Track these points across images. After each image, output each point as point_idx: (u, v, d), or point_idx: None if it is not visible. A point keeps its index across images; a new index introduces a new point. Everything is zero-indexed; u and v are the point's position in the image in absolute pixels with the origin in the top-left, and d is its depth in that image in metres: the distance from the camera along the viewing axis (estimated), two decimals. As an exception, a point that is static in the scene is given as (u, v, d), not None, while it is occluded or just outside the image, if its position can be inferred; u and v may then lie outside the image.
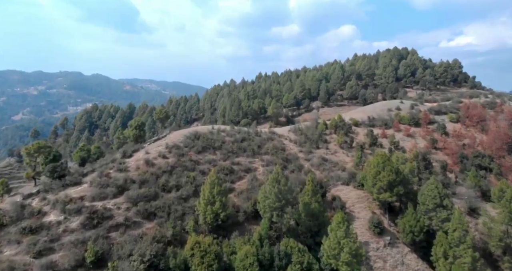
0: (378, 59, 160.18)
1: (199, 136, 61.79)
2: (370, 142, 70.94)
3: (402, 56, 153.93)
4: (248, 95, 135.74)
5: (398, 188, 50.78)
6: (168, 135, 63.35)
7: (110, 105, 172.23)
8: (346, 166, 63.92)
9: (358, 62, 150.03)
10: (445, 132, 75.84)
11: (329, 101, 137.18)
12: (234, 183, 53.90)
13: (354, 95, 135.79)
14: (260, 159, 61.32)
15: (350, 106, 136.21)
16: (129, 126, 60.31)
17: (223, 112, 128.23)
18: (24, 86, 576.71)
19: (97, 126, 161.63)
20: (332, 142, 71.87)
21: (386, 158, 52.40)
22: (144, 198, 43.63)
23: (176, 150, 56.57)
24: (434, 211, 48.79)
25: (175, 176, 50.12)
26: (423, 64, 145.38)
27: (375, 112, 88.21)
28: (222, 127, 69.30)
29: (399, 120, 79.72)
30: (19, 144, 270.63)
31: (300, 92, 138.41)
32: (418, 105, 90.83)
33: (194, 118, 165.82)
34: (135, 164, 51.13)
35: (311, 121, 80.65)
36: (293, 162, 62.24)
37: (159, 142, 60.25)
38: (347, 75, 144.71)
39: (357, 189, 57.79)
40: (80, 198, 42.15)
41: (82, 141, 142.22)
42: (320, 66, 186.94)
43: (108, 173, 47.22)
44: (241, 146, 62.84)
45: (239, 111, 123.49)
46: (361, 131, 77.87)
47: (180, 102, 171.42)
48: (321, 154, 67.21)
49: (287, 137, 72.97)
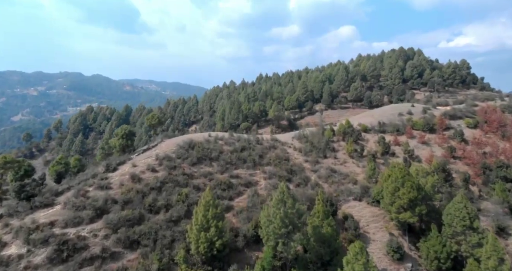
0: (383, 59, 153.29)
1: (194, 145, 54.87)
2: (382, 150, 64.04)
3: (408, 56, 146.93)
4: (248, 98, 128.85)
5: (421, 207, 43.92)
6: (159, 144, 56.45)
7: (106, 108, 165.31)
8: (358, 178, 57.01)
9: (362, 63, 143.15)
10: (463, 139, 68.99)
11: (332, 103, 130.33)
12: (233, 200, 47.03)
13: (359, 97, 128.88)
14: (261, 171, 54.41)
15: (354, 108, 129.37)
16: (115, 135, 53.44)
17: (222, 115, 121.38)
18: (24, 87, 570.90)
19: (92, 129, 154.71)
20: (340, 150, 64.93)
21: (405, 172, 45.55)
22: (127, 222, 36.74)
23: (168, 161, 49.67)
24: (463, 234, 41.89)
25: (165, 193, 43.23)
26: (430, 65, 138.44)
27: (385, 116, 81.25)
28: (219, 134, 62.38)
29: (412, 126, 72.82)
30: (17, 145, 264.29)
31: (303, 94, 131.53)
32: (430, 109, 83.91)
33: (192, 121, 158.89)
34: (119, 179, 44.23)
35: (316, 127, 73.69)
36: (298, 174, 55.35)
37: (148, 152, 53.35)
38: (351, 76, 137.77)
39: (371, 205, 50.93)
40: (50, 224, 35.26)
41: (76, 144, 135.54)
42: (322, 67, 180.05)
43: (86, 192, 40.32)
44: (240, 156, 55.92)
45: (239, 115, 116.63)
46: (371, 138, 70.94)
47: (178, 104, 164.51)
48: (329, 164, 60.33)
49: (291, 144, 66.08)
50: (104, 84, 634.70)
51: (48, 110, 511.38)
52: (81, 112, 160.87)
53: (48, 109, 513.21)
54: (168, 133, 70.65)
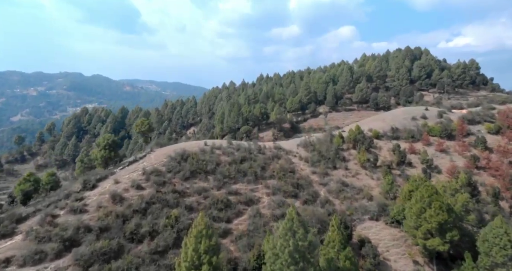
0: (388, 59, 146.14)
1: (187, 156, 47.77)
2: (397, 160, 56.98)
3: (415, 56, 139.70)
4: (249, 100, 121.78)
5: (452, 233, 36.89)
6: (148, 155, 49.36)
7: (101, 109, 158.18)
8: (373, 192, 49.95)
9: (367, 63, 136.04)
10: (486, 147, 61.98)
11: (337, 105, 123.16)
12: (231, 222, 39.97)
13: (365, 99, 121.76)
14: (264, 185, 47.35)
15: (360, 111, 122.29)
16: (97, 145, 46.37)
17: (221, 118, 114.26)
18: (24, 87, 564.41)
19: (86, 131, 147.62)
20: (351, 160, 57.83)
21: (433, 191, 38.52)
22: (101, 257, 29.70)
23: (156, 176, 42.62)
24: (505, 266, 34.92)
25: (151, 216, 36.16)
26: (438, 65, 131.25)
27: (397, 121, 74.19)
28: (217, 143, 55.26)
29: (428, 132, 65.79)
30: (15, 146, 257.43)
31: (305, 96, 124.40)
32: (446, 112, 76.85)
33: (191, 123, 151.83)
34: (98, 200, 37.18)
35: (323, 133, 66.53)
36: (305, 189, 48.29)
37: (135, 165, 46.27)
38: (356, 77, 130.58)
39: (390, 226, 43.89)
40: (6, 261, 28.24)
41: (69, 148, 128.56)
42: (324, 67, 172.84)
43: (55, 217, 33.30)
44: (240, 168, 48.85)
45: (239, 118, 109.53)
46: (384, 146, 63.86)
47: (176, 106, 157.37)
48: (340, 176, 53.25)
49: (296, 153, 59.03)
50: (104, 85, 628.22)
51: (48, 110, 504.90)
52: (75, 114, 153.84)
53: (48, 109, 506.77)
54: (160, 141, 63.56)
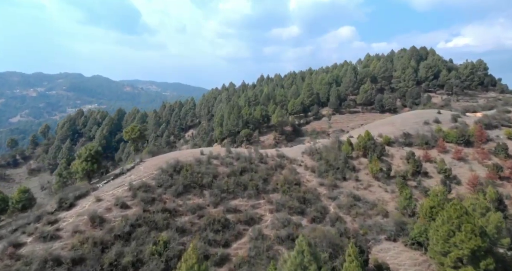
0: (393, 59, 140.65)
1: (180, 168, 42.24)
2: (412, 169, 51.46)
3: (421, 56, 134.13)
4: (249, 102, 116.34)
5: (487, 261, 31.43)
6: (137, 166, 43.82)
7: (97, 111, 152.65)
8: (388, 207, 44.43)
9: (372, 63, 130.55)
10: (507, 154, 56.52)
11: (340, 107, 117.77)
12: (229, 246, 34.43)
13: (369, 101, 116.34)
14: (267, 200, 41.83)
15: (364, 113, 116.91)
16: (78, 156, 40.81)
17: (221, 120, 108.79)
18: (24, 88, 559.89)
19: (81, 134, 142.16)
20: (362, 170, 52.29)
21: (462, 211, 33.02)
22: (71, 299, 24.28)
23: (144, 192, 37.10)
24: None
25: (135, 242, 30.61)
26: (445, 65, 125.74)
27: (408, 125, 68.70)
28: (214, 152, 49.64)
29: (443, 138, 60.29)
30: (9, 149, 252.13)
31: (308, 98, 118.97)
32: (461, 116, 71.36)
33: (189, 125, 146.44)
34: (74, 222, 31.65)
35: (330, 140, 60.91)
36: (313, 204, 42.75)
37: (121, 178, 40.75)
38: (360, 78, 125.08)
39: (410, 248, 38.38)
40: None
41: (63, 152, 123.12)
42: (326, 67, 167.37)
43: (19, 247, 27.79)
44: (240, 180, 43.33)
45: (239, 120, 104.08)
46: (396, 153, 58.32)
47: (174, 107, 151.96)
48: (350, 188, 47.75)
49: (301, 162, 53.49)
50: (104, 85, 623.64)
51: (47, 111, 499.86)
52: (70, 116, 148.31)
53: (47, 110, 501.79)
54: (152, 150, 57.94)
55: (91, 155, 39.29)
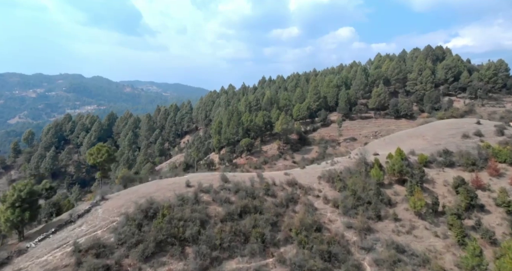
0: (405, 60, 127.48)
1: (154, 213, 29.18)
2: (465, 202, 38.37)
3: (437, 56, 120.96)
4: (250, 106, 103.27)
5: None
6: (94, 209, 30.72)
7: (86, 116, 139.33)
8: (444, 263, 31.37)
9: (384, 64, 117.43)
10: None
11: (351, 112, 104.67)
12: None
13: (383, 105, 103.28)
14: (277, 259, 28.72)
15: (377, 118, 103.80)
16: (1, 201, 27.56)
17: (219, 127, 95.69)
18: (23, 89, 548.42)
19: (68, 141, 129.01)
20: (399, 203, 39.16)
21: None
22: None
23: (95, 256, 24.12)
24: None
25: None
26: (464, 66, 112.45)
27: (443, 138, 55.68)
28: (204, 182, 36.32)
29: (494, 157, 47.33)
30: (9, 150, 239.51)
31: (315, 102, 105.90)
32: (506, 127, 58.12)
33: (185, 131, 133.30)
34: None
35: (354, 160, 47.58)
36: (341, 261, 29.72)
37: (67, 231, 27.65)
38: (372, 80, 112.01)
39: None
40: None
41: (46, 161, 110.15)
42: (332, 68, 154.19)
43: None
44: (239, 227, 30.29)
45: (239, 128, 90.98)
46: (436, 177, 45.09)
47: (169, 111, 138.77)
48: (389, 232, 34.68)
49: (319, 191, 40.39)
50: (104, 86, 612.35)
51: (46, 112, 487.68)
52: (56, 121, 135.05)
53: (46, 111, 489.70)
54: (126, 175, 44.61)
55: (20, 198, 26.30)
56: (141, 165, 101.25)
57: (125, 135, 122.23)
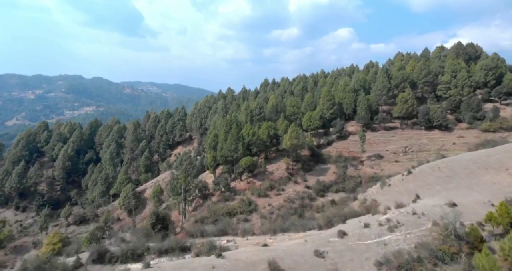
0: (428, 59, 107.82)
1: None
2: None
3: (469, 55, 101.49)
4: (252, 116, 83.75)
5: None
6: None
7: (65, 125, 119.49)
8: None
9: (409, 64, 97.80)
10: None
11: (372, 122, 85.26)
12: None
13: (411, 114, 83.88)
14: None
15: (404, 129, 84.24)
16: None
17: (214, 142, 76.33)
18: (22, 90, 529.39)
19: (43, 154, 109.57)
20: None
21: None
22: None
23: None
24: None
25: None
26: (505, 66, 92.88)
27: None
28: None
29: None
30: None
31: (328, 109, 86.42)
32: None
33: (178, 141, 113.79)
34: None
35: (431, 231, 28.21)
36: None
37: None
38: (395, 83, 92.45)
39: None
40: None
41: (12, 178, 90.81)
42: (341, 69, 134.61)
43: None
44: None
45: (238, 143, 71.43)
46: None
47: (160, 118, 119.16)
48: None
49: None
50: (104, 87, 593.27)
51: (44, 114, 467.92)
52: (29, 131, 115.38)
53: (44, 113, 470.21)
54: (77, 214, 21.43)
55: None
56: (120, 186, 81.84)
57: (108, 146, 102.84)
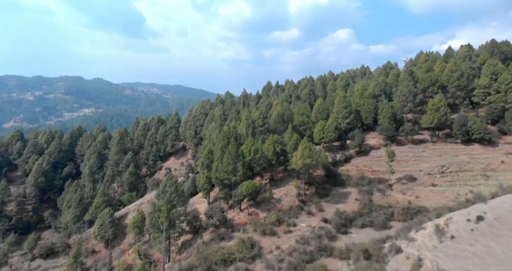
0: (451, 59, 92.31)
1: None
2: None
3: (505, 55, 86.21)
4: (254, 127, 68.30)
5: None
6: None
7: (43, 133, 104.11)
8: None
9: (437, 66, 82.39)
10: None
11: (397, 133, 69.96)
12: None
13: (444, 124, 68.66)
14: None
15: (436, 143, 68.98)
16: None
17: (209, 160, 61.01)
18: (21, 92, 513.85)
19: (15, 167, 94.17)
20: None
21: None
22: None
23: None
24: None
25: None
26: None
27: None
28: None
29: None
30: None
31: (345, 119, 71.21)
32: None
33: (170, 152, 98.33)
34: None
35: None
36: None
37: None
38: (422, 87, 77.08)
39: None
40: None
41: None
42: (351, 70, 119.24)
43: None
44: None
45: (237, 163, 55.96)
46: None
47: (150, 126, 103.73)
48: None
49: None
50: (104, 88, 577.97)
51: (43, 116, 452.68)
52: (0, 140, 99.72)
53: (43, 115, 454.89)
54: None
55: None
56: (96, 211, 66.42)
57: (88, 159, 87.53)
